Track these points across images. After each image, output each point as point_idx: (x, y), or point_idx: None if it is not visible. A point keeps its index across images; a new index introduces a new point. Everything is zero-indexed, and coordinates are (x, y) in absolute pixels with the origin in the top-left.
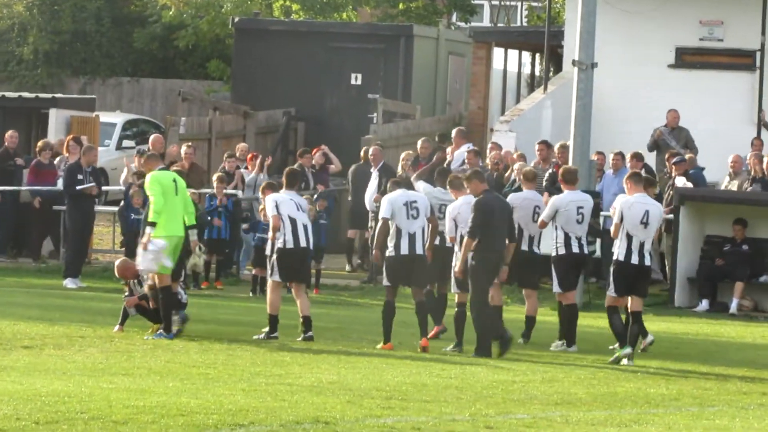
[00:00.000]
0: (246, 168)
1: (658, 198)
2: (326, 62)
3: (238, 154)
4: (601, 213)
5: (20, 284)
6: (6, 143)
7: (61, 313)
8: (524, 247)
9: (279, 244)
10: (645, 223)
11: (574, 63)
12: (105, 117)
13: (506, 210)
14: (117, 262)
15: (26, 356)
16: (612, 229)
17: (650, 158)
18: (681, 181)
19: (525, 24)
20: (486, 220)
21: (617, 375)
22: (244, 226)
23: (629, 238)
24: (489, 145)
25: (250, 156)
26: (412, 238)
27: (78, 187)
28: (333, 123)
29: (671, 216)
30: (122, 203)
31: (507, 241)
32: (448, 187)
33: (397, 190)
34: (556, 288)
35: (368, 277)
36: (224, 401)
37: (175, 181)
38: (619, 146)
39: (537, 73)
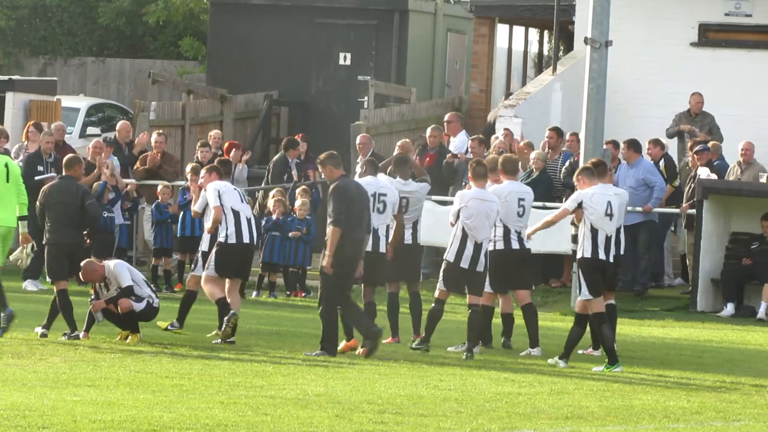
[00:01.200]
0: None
1: (678, 191)
2: (312, 40)
3: (211, 143)
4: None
5: None
6: None
7: (19, 318)
8: (515, 245)
9: (221, 238)
10: (610, 215)
11: (586, 41)
12: (67, 101)
13: (364, 197)
14: (81, 264)
15: None
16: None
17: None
18: (704, 172)
19: None
20: (348, 207)
21: (633, 386)
22: None
23: (594, 232)
24: (502, 132)
25: (227, 145)
26: (375, 234)
27: (36, 177)
28: (319, 107)
29: (693, 211)
30: None
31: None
32: (469, 175)
33: (367, 177)
34: (486, 288)
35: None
36: (200, 415)
37: (6, 166)
38: (636, 133)
39: (545, 52)
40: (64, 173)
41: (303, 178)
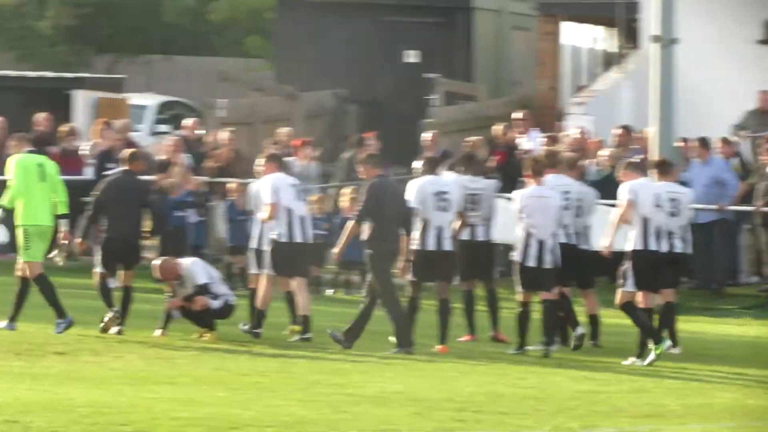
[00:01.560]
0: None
1: (752, 189)
2: (380, 38)
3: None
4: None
5: None
6: (40, 128)
7: (97, 315)
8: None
9: (273, 236)
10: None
11: (652, 38)
12: (137, 99)
13: (399, 198)
14: (157, 262)
15: (60, 363)
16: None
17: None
18: None
19: None
20: (379, 206)
21: (712, 385)
22: None
23: (645, 221)
24: (574, 131)
25: (298, 142)
26: (439, 232)
27: (107, 173)
28: (388, 105)
29: None
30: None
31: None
32: (527, 172)
33: (427, 177)
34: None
35: None
36: (279, 413)
37: (41, 165)
38: (704, 131)
39: (611, 49)
40: (125, 168)
41: None
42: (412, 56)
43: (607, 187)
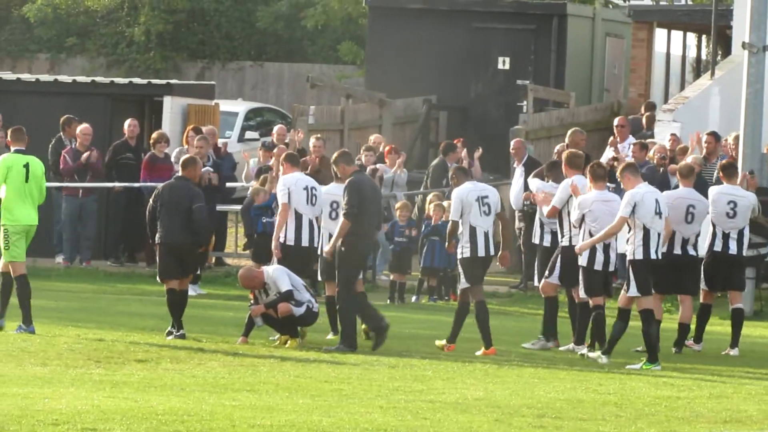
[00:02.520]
0: (384, 163)
1: None
2: (470, 44)
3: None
4: None
5: (134, 291)
6: (125, 134)
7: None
8: (677, 250)
9: (281, 239)
10: (659, 214)
11: (744, 45)
12: (226, 105)
13: (377, 193)
14: (240, 271)
15: (141, 370)
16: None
17: None
18: None
19: (690, 2)
20: (361, 202)
21: None
22: (384, 228)
23: (645, 232)
24: (668, 138)
25: (387, 149)
26: (486, 237)
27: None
28: (478, 112)
29: None
30: (245, 202)
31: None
32: (589, 177)
33: (466, 183)
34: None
35: (520, 281)
36: (360, 420)
37: (27, 166)
38: None
39: (703, 56)
40: (180, 173)
41: None
42: (503, 63)
43: None
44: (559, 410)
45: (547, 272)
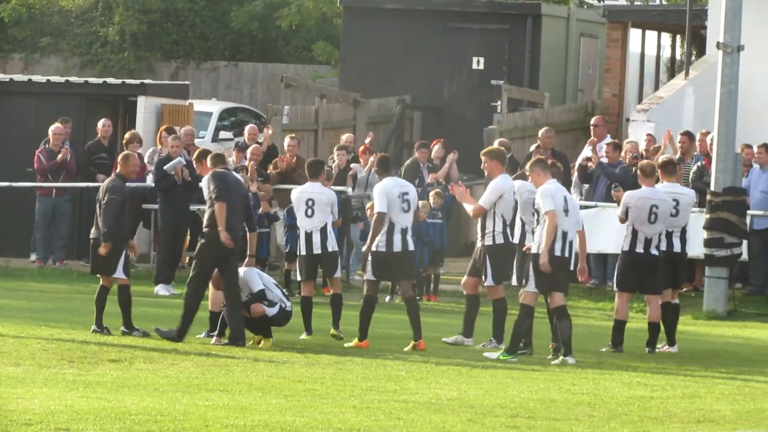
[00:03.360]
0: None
1: None
2: (445, 44)
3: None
4: (748, 212)
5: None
6: (98, 134)
7: (152, 323)
8: (639, 249)
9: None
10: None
11: (718, 46)
12: (200, 105)
13: (243, 187)
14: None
15: (114, 370)
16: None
17: None
18: None
19: (664, 2)
20: (228, 194)
21: (765, 390)
22: (360, 226)
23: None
24: (645, 138)
25: (361, 149)
26: (403, 233)
27: (165, 166)
28: (452, 112)
29: None
30: None
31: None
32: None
33: (388, 179)
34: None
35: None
36: (333, 420)
37: None
38: (766, 138)
39: (678, 56)
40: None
41: (436, 182)
42: (477, 63)
43: None
44: (532, 410)
45: (523, 281)
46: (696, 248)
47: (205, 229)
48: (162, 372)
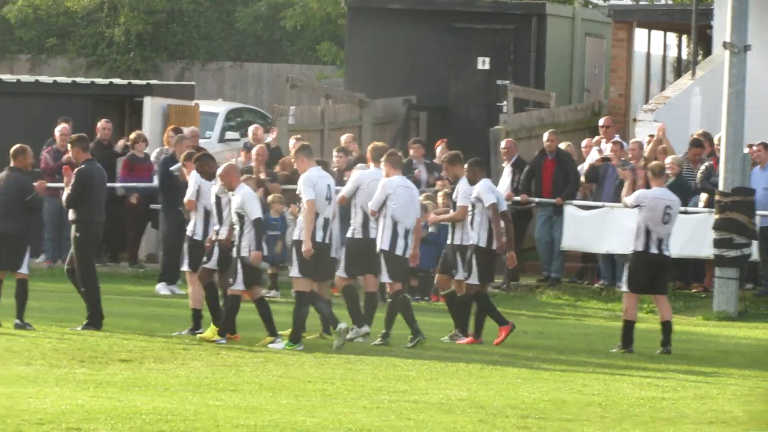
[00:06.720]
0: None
1: None
2: (450, 45)
3: (344, 146)
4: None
5: (116, 291)
6: (98, 135)
7: (161, 323)
8: (654, 250)
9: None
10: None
11: (725, 45)
12: (206, 106)
13: (105, 181)
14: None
15: (124, 370)
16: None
17: None
18: None
19: (670, 2)
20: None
21: None
22: None
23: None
24: (646, 138)
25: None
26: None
27: (170, 168)
28: (458, 112)
29: None
30: None
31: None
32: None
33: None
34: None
35: (503, 282)
36: (343, 420)
37: None
38: None
39: (684, 56)
40: (11, 164)
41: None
42: (483, 63)
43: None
44: (543, 411)
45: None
46: (706, 249)
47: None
48: (172, 372)
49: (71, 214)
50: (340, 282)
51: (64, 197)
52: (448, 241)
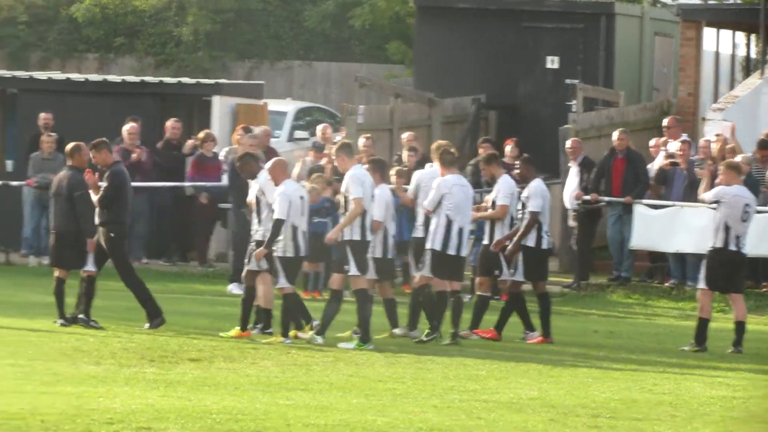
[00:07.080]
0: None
1: None
2: (519, 44)
3: (406, 144)
4: None
5: (186, 291)
6: (167, 134)
7: (231, 322)
8: (732, 246)
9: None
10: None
11: None
12: (274, 105)
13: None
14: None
15: (194, 370)
16: None
17: None
18: None
19: (739, 1)
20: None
21: None
22: None
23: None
24: (714, 137)
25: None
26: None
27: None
28: (527, 111)
29: None
30: None
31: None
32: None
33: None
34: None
35: (573, 281)
36: (414, 419)
37: None
38: None
39: (753, 55)
40: (69, 163)
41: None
42: (552, 62)
43: None
44: (613, 410)
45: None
46: None
47: None
48: (242, 371)
49: (101, 216)
50: (421, 281)
51: (97, 198)
52: (485, 241)
